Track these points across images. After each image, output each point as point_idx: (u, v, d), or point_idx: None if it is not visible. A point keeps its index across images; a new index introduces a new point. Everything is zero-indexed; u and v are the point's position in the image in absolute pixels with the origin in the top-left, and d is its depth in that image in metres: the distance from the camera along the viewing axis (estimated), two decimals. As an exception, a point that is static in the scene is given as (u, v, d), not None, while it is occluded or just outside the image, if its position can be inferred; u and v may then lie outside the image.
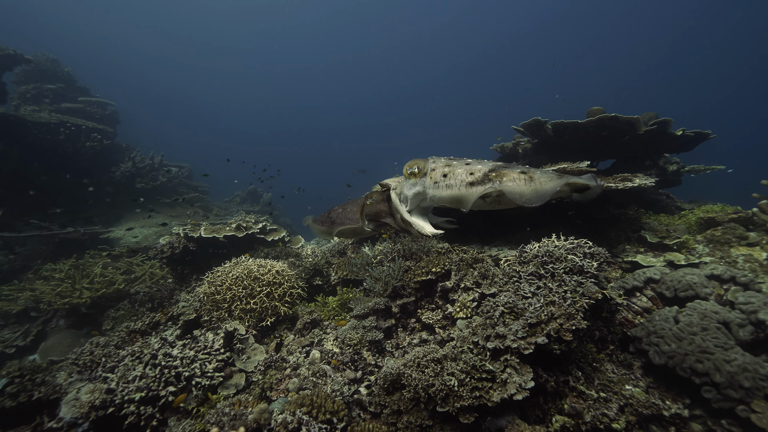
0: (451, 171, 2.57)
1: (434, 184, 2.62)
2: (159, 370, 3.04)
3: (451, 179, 2.54)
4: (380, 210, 2.97)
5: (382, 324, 3.94)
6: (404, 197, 2.84)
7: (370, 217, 2.98)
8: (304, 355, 3.73)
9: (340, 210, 3.42)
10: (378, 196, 3.08)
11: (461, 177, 2.51)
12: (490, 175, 2.36)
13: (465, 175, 2.51)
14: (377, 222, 3.02)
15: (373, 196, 3.04)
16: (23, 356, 5.87)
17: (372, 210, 2.97)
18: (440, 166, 2.66)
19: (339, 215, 3.35)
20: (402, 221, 2.77)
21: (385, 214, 2.98)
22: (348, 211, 3.33)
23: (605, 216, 5.52)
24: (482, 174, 2.41)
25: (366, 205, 2.99)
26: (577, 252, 3.34)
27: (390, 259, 4.55)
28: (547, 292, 2.89)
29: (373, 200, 3.04)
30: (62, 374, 3.33)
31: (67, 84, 13.30)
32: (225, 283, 4.06)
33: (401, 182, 2.91)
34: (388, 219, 2.89)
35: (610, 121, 5.09)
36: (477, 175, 2.43)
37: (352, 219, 3.19)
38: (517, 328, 2.68)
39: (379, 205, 2.97)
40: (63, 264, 6.65)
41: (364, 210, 3.01)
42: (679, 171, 7.28)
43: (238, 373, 3.37)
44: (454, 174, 2.54)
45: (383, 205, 2.98)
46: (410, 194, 2.77)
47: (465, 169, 2.54)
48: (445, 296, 3.88)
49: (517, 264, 3.43)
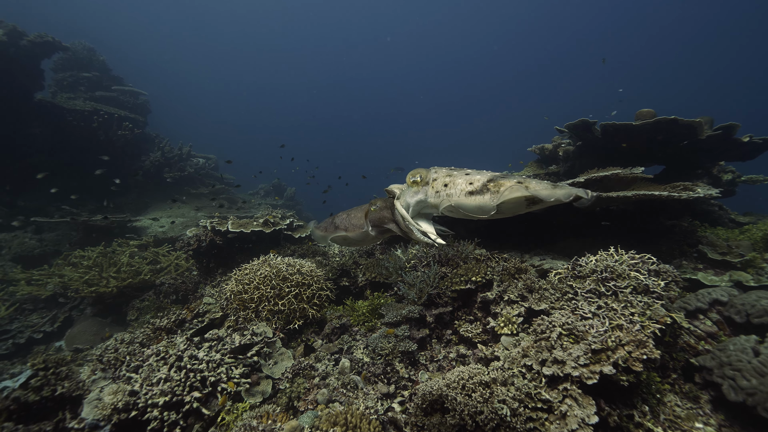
0: (452, 181, 2.65)
1: (435, 193, 2.72)
2: (184, 374, 2.88)
3: (451, 189, 2.61)
4: (384, 216, 3.02)
5: (415, 334, 3.69)
6: (406, 204, 2.91)
7: (374, 222, 3.01)
8: (333, 363, 3.52)
9: (344, 216, 3.44)
10: (382, 202, 3.14)
11: (461, 186, 2.59)
12: (489, 185, 2.43)
13: (465, 185, 2.59)
14: (380, 228, 3.06)
15: (377, 202, 3.09)
16: (50, 342, 5.91)
17: (376, 216, 3.02)
18: (442, 176, 2.74)
19: (343, 221, 3.37)
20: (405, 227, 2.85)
21: (388, 220, 3.01)
22: (352, 217, 3.35)
23: (656, 227, 5.11)
24: (481, 184, 2.48)
25: (370, 212, 3.03)
26: (641, 269, 3.00)
27: (425, 264, 4.29)
28: (612, 314, 2.58)
29: (378, 206, 3.03)
30: (86, 369, 3.23)
31: (102, 72, 13.52)
32: (253, 282, 3.89)
33: (404, 190, 2.96)
34: (391, 225, 2.91)
35: (668, 125, 4.68)
36: (476, 185, 2.50)
37: (356, 225, 3.24)
38: (578, 354, 2.38)
39: (383, 212, 3.03)
40: (91, 251, 6.67)
41: (368, 216, 3.06)
42: (734, 181, 6.75)
43: (264, 380, 3.19)
44: (455, 184, 2.64)
45: (387, 212, 3.04)
46: (412, 202, 2.85)
47: (465, 179, 2.61)
48: (486, 308, 3.60)
49: (571, 278, 3.12)
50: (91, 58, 13.40)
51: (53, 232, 8.73)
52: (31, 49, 9.84)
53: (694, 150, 5.04)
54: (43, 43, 10.05)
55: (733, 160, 5.77)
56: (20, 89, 9.84)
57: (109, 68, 13.93)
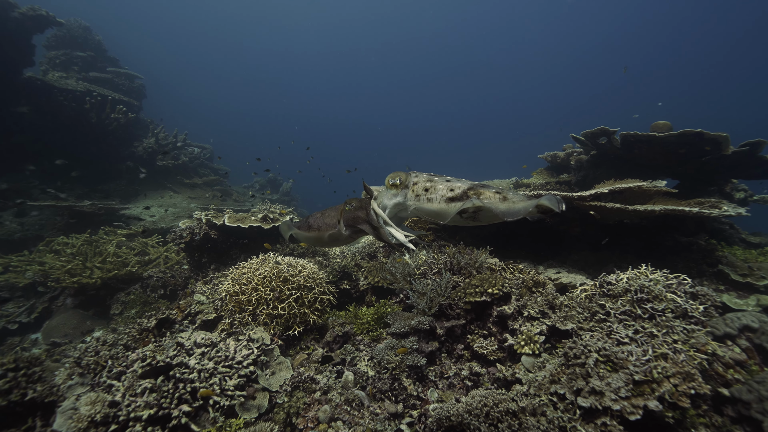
0: (433, 186, 2.71)
1: (416, 197, 2.77)
2: (173, 384, 2.58)
3: (432, 193, 2.67)
4: (358, 216, 2.95)
5: (424, 347, 3.42)
6: (383, 206, 2.98)
7: (348, 222, 2.96)
8: (335, 376, 3.24)
9: (318, 215, 3.45)
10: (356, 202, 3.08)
11: (442, 192, 2.63)
12: (469, 193, 2.51)
13: (446, 191, 2.64)
14: (354, 228, 3.00)
15: (351, 202, 3.04)
16: (25, 334, 5.52)
17: (350, 216, 2.97)
18: (422, 180, 2.81)
19: (317, 220, 3.38)
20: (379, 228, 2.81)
21: (362, 221, 2.95)
22: (326, 216, 3.35)
23: (672, 244, 4.91)
24: (461, 191, 2.55)
25: (344, 211, 2.99)
26: (678, 291, 2.78)
27: (435, 271, 4.03)
28: (653, 340, 2.34)
29: (352, 206, 2.98)
30: (62, 373, 2.90)
31: (97, 53, 13.01)
32: (251, 283, 3.59)
33: (382, 192, 3.05)
34: (364, 225, 2.86)
35: (693, 138, 4.48)
36: (457, 191, 2.57)
37: (330, 224, 3.24)
38: (618, 384, 2.14)
39: (358, 212, 2.96)
40: (76, 239, 6.29)
41: (342, 216, 3.02)
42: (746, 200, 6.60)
43: (261, 392, 2.90)
44: (436, 189, 2.67)
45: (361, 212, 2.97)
46: (390, 204, 2.92)
47: (446, 185, 2.68)
48: (502, 323, 3.34)
49: (601, 297, 2.88)
50: (86, 37, 12.88)
51: (36, 216, 8.29)
52: (23, 21, 9.36)
53: (716, 166, 4.85)
54: (36, 16, 9.58)
55: (755, 178, 5.58)
56: (9, 64, 9.36)
57: (105, 49, 13.42)
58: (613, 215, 4.17)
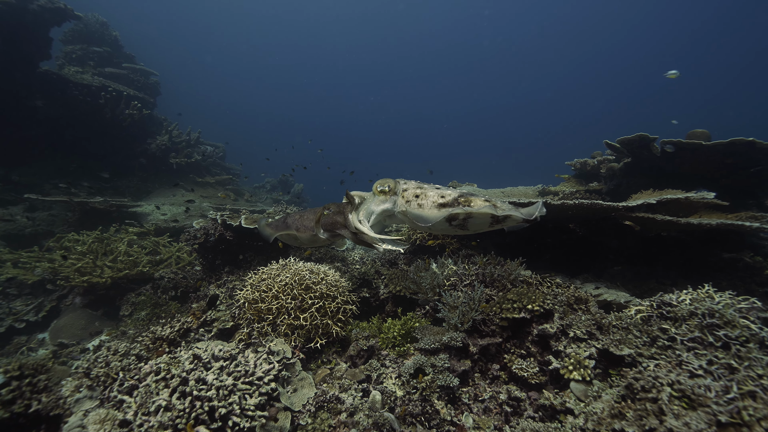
0: (423, 193, 2.70)
1: (406, 203, 2.75)
2: (189, 402, 2.35)
3: (422, 200, 2.66)
4: (336, 221, 3.02)
5: (456, 366, 3.16)
6: (370, 211, 2.97)
7: (326, 226, 3.02)
8: (361, 394, 2.99)
9: (297, 216, 3.44)
10: (335, 207, 3.15)
11: (433, 199, 2.62)
12: (459, 200, 2.51)
13: (436, 197, 2.62)
14: (332, 232, 3.08)
15: (330, 207, 3.12)
16: (32, 333, 5.34)
17: (328, 220, 3.02)
18: (412, 187, 2.82)
19: (295, 221, 3.36)
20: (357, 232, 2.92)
21: (340, 226, 3.02)
22: (305, 218, 3.34)
23: (715, 260, 4.60)
24: (452, 198, 2.55)
25: (323, 215, 3.03)
26: (750, 315, 2.49)
27: (466, 283, 3.77)
28: (734, 375, 2.06)
29: (331, 211, 3.03)
30: (69, 383, 2.68)
31: (114, 49, 12.95)
32: (271, 290, 3.35)
33: (367, 198, 3.03)
34: (342, 230, 2.94)
35: (744, 147, 4.18)
36: (447, 198, 2.57)
37: (307, 227, 3.24)
38: (699, 426, 1.86)
39: (336, 216, 3.03)
40: (86, 236, 6.12)
41: (321, 219, 3.06)
42: (787, 215, 6.26)
43: (282, 412, 2.66)
44: (426, 196, 2.66)
45: (339, 217, 3.04)
46: (377, 210, 2.93)
47: (436, 192, 2.67)
48: (544, 343, 3.07)
49: (661, 320, 2.60)
50: (103, 33, 12.83)
51: (47, 212, 8.16)
52: (41, 14, 9.28)
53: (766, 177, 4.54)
54: (55, 9, 9.49)
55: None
56: (26, 57, 9.28)
57: (121, 45, 13.37)
58: (658, 228, 3.89)
